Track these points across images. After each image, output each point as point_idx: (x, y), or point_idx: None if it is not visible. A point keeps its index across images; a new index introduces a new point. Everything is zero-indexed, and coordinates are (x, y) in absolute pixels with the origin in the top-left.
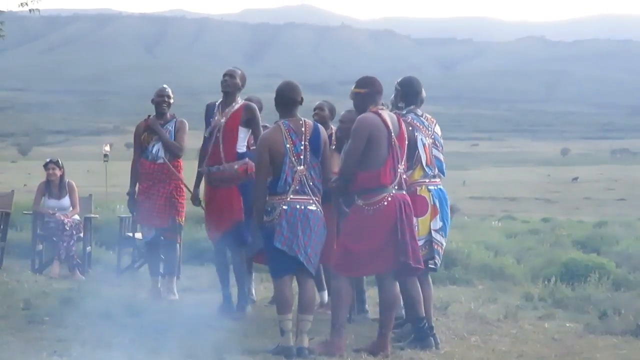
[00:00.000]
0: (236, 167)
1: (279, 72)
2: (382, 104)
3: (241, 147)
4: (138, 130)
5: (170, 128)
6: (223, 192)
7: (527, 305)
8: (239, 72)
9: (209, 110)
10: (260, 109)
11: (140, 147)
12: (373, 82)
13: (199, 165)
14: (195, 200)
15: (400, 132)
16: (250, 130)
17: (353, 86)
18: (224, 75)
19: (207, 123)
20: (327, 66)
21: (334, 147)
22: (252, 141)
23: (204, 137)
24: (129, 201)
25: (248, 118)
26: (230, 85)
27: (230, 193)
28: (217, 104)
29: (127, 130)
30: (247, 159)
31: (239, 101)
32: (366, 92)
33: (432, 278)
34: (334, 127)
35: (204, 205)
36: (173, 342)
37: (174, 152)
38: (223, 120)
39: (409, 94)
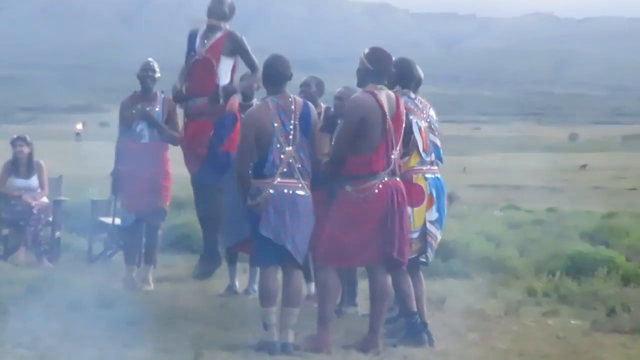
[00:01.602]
0: (221, 102)
1: (266, 48)
2: (385, 84)
3: (223, 79)
4: (123, 106)
5: (158, 108)
6: (198, 125)
7: (529, 301)
8: (227, 2)
9: (192, 38)
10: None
11: (125, 126)
12: (382, 59)
13: (178, 97)
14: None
15: (397, 115)
16: (234, 62)
17: (365, 51)
18: (209, 15)
19: (189, 51)
20: (319, 42)
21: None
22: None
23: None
24: (113, 182)
25: (233, 48)
26: (215, 12)
27: (206, 126)
28: (199, 32)
29: (102, 108)
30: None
31: (224, 29)
32: (370, 69)
33: (429, 270)
34: (323, 105)
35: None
36: (148, 335)
37: (176, 144)
38: (204, 50)
39: (404, 76)
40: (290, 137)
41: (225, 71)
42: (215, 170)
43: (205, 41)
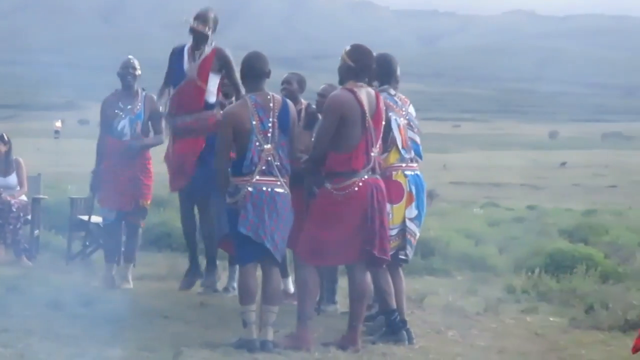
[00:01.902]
0: (206, 118)
1: (247, 44)
2: (366, 81)
3: (211, 97)
4: (105, 104)
5: (140, 106)
6: (186, 143)
7: (509, 298)
8: (212, 15)
9: (176, 55)
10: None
11: (107, 123)
12: (364, 57)
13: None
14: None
15: (376, 112)
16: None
17: (347, 48)
18: (195, 18)
19: (172, 69)
20: (300, 38)
21: (303, 123)
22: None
23: (165, 84)
24: (93, 180)
25: (220, 65)
26: (203, 18)
27: (195, 144)
28: (185, 47)
29: (81, 106)
30: (214, 111)
31: (212, 44)
32: (352, 66)
33: (409, 268)
34: (304, 102)
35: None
36: (127, 333)
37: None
38: (195, 70)
39: (384, 72)
40: (269, 134)
41: (213, 89)
42: (207, 183)
43: (194, 60)
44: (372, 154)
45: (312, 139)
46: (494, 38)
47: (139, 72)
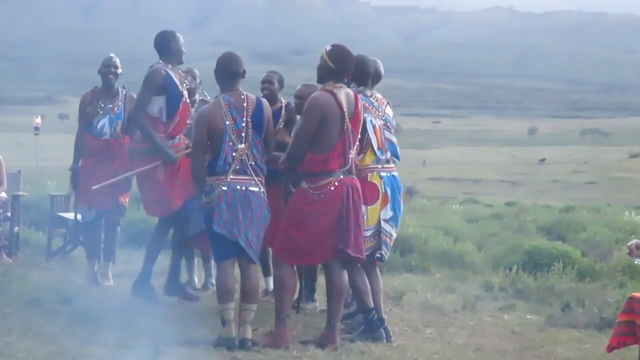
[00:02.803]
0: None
1: (226, 40)
2: (345, 82)
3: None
4: (84, 101)
5: (120, 104)
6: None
7: (486, 296)
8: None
9: (166, 77)
10: (200, 83)
11: (86, 120)
12: (344, 58)
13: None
14: None
15: (355, 114)
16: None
17: (327, 48)
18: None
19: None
20: (280, 34)
21: (283, 123)
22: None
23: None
24: (72, 178)
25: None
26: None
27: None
28: (172, 74)
29: (61, 100)
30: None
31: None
32: (332, 67)
33: (387, 266)
34: (283, 101)
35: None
36: (107, 331)
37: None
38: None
39: (359, 74)
40: (243, 134)
41: None
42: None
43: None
44: (350, 156)
45: (290, 138)
46: (473, 34)
47: (120, 70)
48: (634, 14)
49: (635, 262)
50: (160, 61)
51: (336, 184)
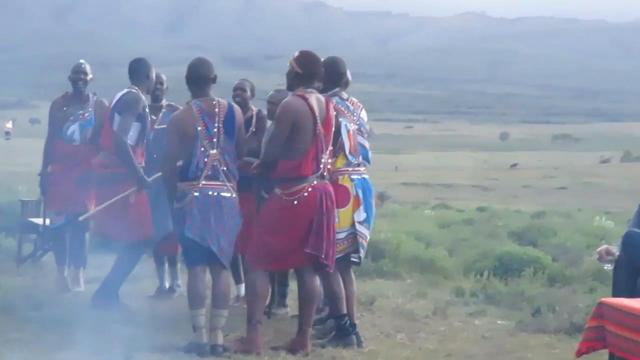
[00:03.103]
0: None
1: (200, 44)
2: (315, 87)
3: None
4: (54, 107)
5: (90, 111)
6: None
7: (457, 301)
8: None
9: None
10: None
11: (56, 126)
12: (312, 63)
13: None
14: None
15: (327, 119)
16: None
17: (295, 55)
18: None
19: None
20: (253, 39)
21: (254, 129)
22: None
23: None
24: (41, 183)
25: None
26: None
27: None
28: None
29: (32, 105)
30: None
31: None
32: (300, 73)
33: (359, 271)
34: (254, 109)
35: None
36: (78, 337)
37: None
38: None
39: (332, 76)
40: (215, 140)
41: None
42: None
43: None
44: (322, 161)
45: (262, 144)
46: (446, 39)
47: (90, 76)
48: (605, 20)
49: (605, 268)
50: (134, 87)
51: (310, 189)
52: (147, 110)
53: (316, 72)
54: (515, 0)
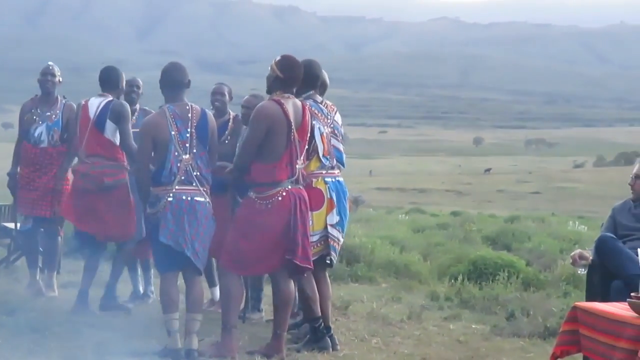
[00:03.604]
0: None
1: (173, 49)
2: (293, 93)
3: None
4: (23, 109)
5: (58, 113)
6: None
7: (432, 305)
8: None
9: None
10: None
11: (24, 129)
12: (293, 68)
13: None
14: None
15: (302, 124)
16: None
17: (276, 59)
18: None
19: None
20: (226, 44)
21: (229, 136)
22: None
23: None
24: (9, 182)
25: None
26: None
27: None
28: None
29: (5, 109)
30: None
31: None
32: (280, 76)
33: (333, 275)
34: (232, 113)
35: None
36: (51, 342)
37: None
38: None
39: (307, 78)
40: (187, 144)
41: None
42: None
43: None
44: (297, 166)
45: (237, 148)
46: (419, 45)
47: (59, 78)
48: (578, 26)
49: (579, 272)
50: (108, 95)
51: (284, 194)
52: None
53: (296, 77)
54: (489, 5)
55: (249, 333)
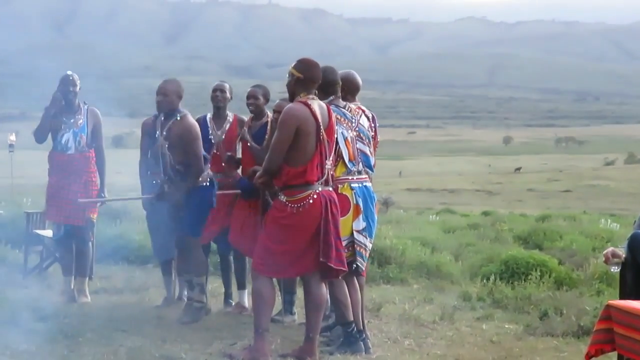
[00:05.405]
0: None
1: (200, 54)
2: (315, 94)
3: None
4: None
5: (82, 120)
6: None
7: (464, 306)
8: (228, 85)
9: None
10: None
11: (51, 137)
12: (312, 68)
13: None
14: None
15: (329, 125)
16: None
17: (293, 64)
18: (215, 90)
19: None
20: (253, 48)
21: (268, 137)
22: None
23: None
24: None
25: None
26: (221, 99)
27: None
28: (207, 118)
29: (34, 117)
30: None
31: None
32: (301, 77)
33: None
34: (269, 114)
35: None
36: (84, 348)
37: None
38: (222, 135)
39: (327, 83)
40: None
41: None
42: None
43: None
44: (326, 167)
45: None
46: (446, 45)
47: (79, 87)
48: (605, 23)
49: (612, 270)
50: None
51: (315, 196)
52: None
53: (316, 76)
54: (516, 4)
55: (281, 336)
